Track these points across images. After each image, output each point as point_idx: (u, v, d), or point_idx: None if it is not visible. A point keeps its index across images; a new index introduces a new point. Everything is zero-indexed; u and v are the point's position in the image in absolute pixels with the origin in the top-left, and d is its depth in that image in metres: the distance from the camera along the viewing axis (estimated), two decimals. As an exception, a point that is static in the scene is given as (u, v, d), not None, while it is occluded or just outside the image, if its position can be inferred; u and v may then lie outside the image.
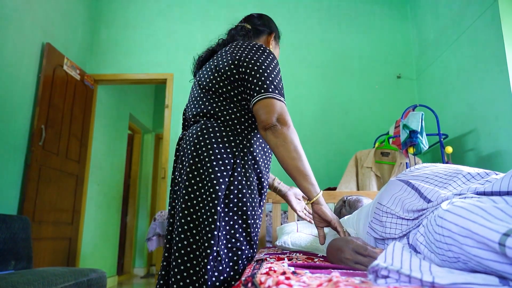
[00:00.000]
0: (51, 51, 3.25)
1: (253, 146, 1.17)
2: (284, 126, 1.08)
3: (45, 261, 3.08)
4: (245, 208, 1.10)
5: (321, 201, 1.11)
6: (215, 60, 1.24)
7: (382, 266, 0.49)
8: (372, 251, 0.86)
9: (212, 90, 1.19)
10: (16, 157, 2.90)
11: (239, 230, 1.09)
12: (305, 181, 1.09)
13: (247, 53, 1.17)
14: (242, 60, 1.16)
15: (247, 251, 1.11)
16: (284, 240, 1.47)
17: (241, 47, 1.21)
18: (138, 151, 5.82)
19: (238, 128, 1.16)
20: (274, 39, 1.41)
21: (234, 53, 1.19)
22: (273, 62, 1.17)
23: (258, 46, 1.20)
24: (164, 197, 3.66)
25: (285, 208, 3.02)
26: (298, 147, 1.08)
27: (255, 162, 1.17)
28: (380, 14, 4.14)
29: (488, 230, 0.47)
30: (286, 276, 0.59)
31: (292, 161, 1.08)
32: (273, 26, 1.42)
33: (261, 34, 1.39)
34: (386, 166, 2.98)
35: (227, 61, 1.18)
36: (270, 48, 1.37)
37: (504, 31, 2.53)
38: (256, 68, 1.13)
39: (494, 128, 2.62)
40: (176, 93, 3.90)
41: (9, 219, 2.41)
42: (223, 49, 1.27)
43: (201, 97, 1.22)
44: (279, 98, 1.10)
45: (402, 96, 3.91)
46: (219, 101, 1.18)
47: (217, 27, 4.08)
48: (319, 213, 1.10)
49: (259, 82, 1.11)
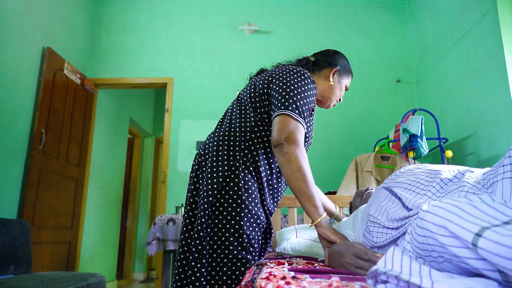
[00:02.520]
0: (51, 55, 3.26)
1: (258, 157, 1.21)
2: (291, 145, 1.09)
3: (44, 266, 3.07)
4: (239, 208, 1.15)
5: (323, 223, 1.09)
6: (258, 79, 1.31)
7: (381, 271, 0.49)
8: (373, 255, 0.86)
9: (246, 103, 1.27)
10: (16, 161, 2.90)
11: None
12: (307, 202, 1.09)
13: (281, 72, 1.23)
14: (274, 77, 1.23)
15: (240, 255, 1.13)
16: (283, 247, 1.46)
17: (279, 68, 1.28)
18: (138, 155, 5.82)
19: (247, 136, 1.22)
20: (338, 73, 1.38)
21: (270, 73, 1.27)
22: (305, 85, 1.19)
23: (293, 68, 1.25)
24: (164, 201, 3.66)
25: (285, 212, 3.02)
26: (303, 167, 1.08)
27: (257, 172, 1.21)
28: (380, 19, 4.16)
29: (462, 229, 0.48)
30: (286, 281, 0.59)
31: (295, 181, 1.08)
32: (338, 61, 1.39)
33: (322, 66, 1.38)
34: (386, 170, 2.97)
35: (264, 79, 1.26)
36: (331, 81, 1.36)
37: (504, 35, 2.54)
38: (283, 85, 1.18)
39: (494, 132, 2.62)
40: (176, 97, 3.90)
41: (9, 223, 2.40)
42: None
43: (236, 108, 1.31)
44: (296, 117, 1.12)
45: (402, 100, 3.91)
46: (246, 111, 1.27)
47: (217, 32, 4.14)
48: (323, 236, 1.08)
49: (282, 99, 1.15)
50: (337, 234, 1.08)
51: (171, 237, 2.67)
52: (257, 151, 1.21)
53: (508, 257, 0.41)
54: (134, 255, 5.56)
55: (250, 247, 1.15)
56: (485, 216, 0.49)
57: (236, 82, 3.83)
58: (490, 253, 0.43)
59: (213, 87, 3.91)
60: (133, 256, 5.54)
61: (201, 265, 1.11)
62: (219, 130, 1.29)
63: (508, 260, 0.41)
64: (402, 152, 2.78)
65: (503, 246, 0.42)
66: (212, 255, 1.12)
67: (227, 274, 1.11)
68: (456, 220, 0.49)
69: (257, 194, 1.20)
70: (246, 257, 1.13)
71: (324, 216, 1.09)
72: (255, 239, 1.18)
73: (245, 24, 4.05)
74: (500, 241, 0.42)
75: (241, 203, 1.15)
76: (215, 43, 4.07)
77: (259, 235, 1.20)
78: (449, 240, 0.50)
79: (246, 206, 1.16)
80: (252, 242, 1.16)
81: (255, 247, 1.18)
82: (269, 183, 1.25)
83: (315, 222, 1.09)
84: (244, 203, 1.15)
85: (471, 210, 0.51)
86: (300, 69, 1.24)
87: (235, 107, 1.32)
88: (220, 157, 1.20)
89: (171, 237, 2.67)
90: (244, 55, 4.02)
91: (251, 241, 1.16)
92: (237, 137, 1.23)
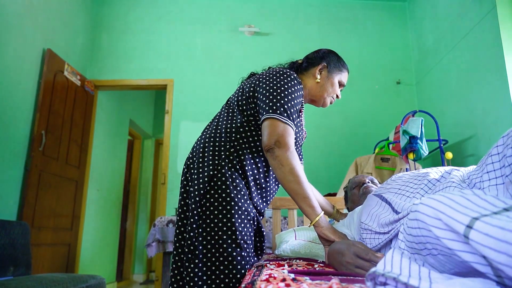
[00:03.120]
0: (51, 56, 3.27)
1: (244, 156, 1.22)
2: (282, 148, 1.10)
3: (44, 267, 3.07)
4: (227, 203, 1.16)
5: (321, 223, 1.09)
6: (246, 83, 1.33)
7: (379, 273, 0.49)
8: (374, 255, 0.86)
9: (234, 106, 1.29)
10: (16, 163, 2.90)
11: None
12: (303, 203, 1.10)
13: (266, 76, 1.24)
14: (261, 81, 1.24)
15: (235, 252, 1.12)
16: (283, 249, 1.46)
17: (266, 72, 1.29)
18: (138, 157, 5.82)
19: (233, 137, 1.23)
20: (325, 69, 1.36)
21: (257, 77, 1.28)
22: (290, 87, 1.19)
23: (278, 70, 1.25)
24: (164, 203, 3.65)
25: (285, 214, 3.02)
26: (295, 169, 1.10)
27: (243, 171, 1.21)
28: (380, 21, 4.16)
29: (454, 221, 0.48)
30: (286, 283, 0.59)
31: (289, 184, 1.11)
32: (324, 58, 1.37)
33: (308, 66, 1.38)
34: (386, 171, 2.97)
35: (251, 83, 1.27)
36: (318, 78, 1.35)
37: (503, 37, 2.54)
38: (269, 89, 1.19)
39: (494, 133, 2.62)
40: (176, 98, 3.91)
41: (9, 224, 2.40)
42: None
43: (225, 111, 1.33)
44: (284, 120, 1.13)
45: (402, 102, 3.92)
46: (233, 113, 1.28)
47: (217, 33, 4.14)
48: (322, 235, 1.09)
49: (270, 102, 1.16)
50: (336, 233, 1.08)
51: (171, 239, 2.66)
52: (243, 151, 1.22)
53: (496, 249, 0.41)
54: (134, 256, 5.56)
55: (244, 243, 1.15)
56: (476, 207, 0.49)
57: (236, 84, 3.80)
58: (481, 244, 0.43)
59: (213, 89, 3.92)
60: (133, 258, 5.54)
61: (194, 265, 1.11)
62: (206, 133, 1.31)
63: (496, 252, 0.41)
64: (402, 154, 2.78)
65: (493, 238, 0.42)
66: (206, 255, 1.12)
67: (224, 273, 1.10)
68: (449, 212, 0.50)
69: (246, 191, 1.20)
70: (241, 254, 1.13)
71: (322, 215, 1.10)
72: (247, 235, 1.17)
73: (245, 26, 4.05)
74: (490, 233, 0.43)
75: (230, 200, 1.15)
76: (215, 44, 4.07)
77: (251, 231, 1.20)
78: (442, 232, 0.50)
79: (236, 203, 1.15)
80: (245, 239, 1.16)
81: (249, 243, 1.17)
82: (256, 182, 1.25)
83: (313, 222, 1.10)
84: (234, 200, 1.15)
85: (463, 202, 0.51)
86: (286, 70, 1.24)
87: (224, 110, 1.33)
88: (206, 157, 1.22)
89: (171, 239, 2.66)
90: (244, 57, 4.02)
91: (244, 237, 1.15)
92: (222, 137, 1.24)
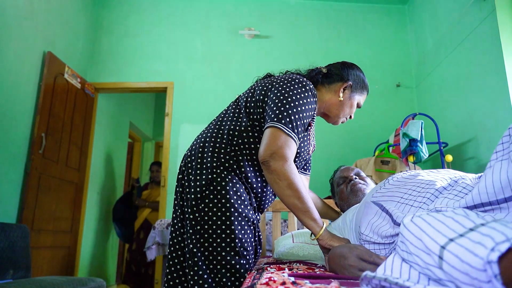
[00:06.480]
0: (52, 59, 3.27)
1: (244, 162, 1.16)
2: (279, 161, 1.04)
3: (43, 270, 3.06)
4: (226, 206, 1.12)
5: (325, 236, 1.05)
6: (259, 84, 1.26)
7: (370, 276, 0.49)
8: (377, 257, 0.85)
9: (241, 106, 1.22)
10: (16, 165, 2.90)
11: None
12: (305, 217, 1.06)
13: (280, 81, 1.17)
14: (273, 85, 1.17)
15: (234, 260, 1.08)
16: (281, 252, 1.46)
17: (281, 76, 1.22)
18: (138, 159, 5.81)
19: (234, 141, 1.17)
20: (349, 88, 1.28)
21: (271, 80, 1.21)
22: (304, 98, 1.12)
23: (295, 77, 1.18)
24: (164, 206, 3.65)
25: (285, 216, 3.01)
26: (293, 183, 1.04)
27: (244, 176, 1.16)
28: (379, 23, 4.17)
29: (433, 242, 0.48)
30: (286, 286, 0.58)
31: (287, 199, 1.05)
32: (351, 75, 1.29)
33: (333, 80, 1.28)
34: (386, 174, 2.97)
35: (264, 85, 1.21)
36: (341, 96, 1.27)
37: (503, 40, 2.54)
38: (280, 95, 1.12)
39: (494, 136, 2.62)
40: (176, 101, 3.91)
41: (8, 227, 2.40)
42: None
43: (231, 111, 1.25)
44: (287, 132, 1.06)
45: (402, 105, 3.92)
46: (239, 114, 1.21)
47: (217, 36, 4.15)
48: (327, 247, 1.05)
49: (277, 110, 1.09)
50: (340, 240, 1.05)
51: (171, 241, 2.66)
52: (243, 156, 1.16)
53: (461, 270, 0.42)
54: (133, 259, 5.53)
55: (244, 251, 1.10)
56: (448, 230, 0.49)
57: (236, 87, 3.84)
58: (453, 268, 0.44)
59: (213, 92, 3.92)
60: (133, 261, 5.51)
61: (193, 273, 1.08)
62: (207, 132, 1.24)
63: (461, 273, 0.42)
64: (402, 157, 2.78)
65: (459, 259, 0.43)
66: (204, 262, 1.07)
67: (223, 281, 1.07)
68: (430, 232, 0.50)
69: (246, 196, 1.15)
70: (240, 262, 1.08)
71: (325, 227, 1.06)
72: (248, 242, 1.12)
73: (245, 28, 4.06)
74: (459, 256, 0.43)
75: (230, 206, 1.09)
76: (215, 47, 4.08)
77: (251, 237, 1.15)
78: (422, 253, 0.50)
79: (236, 209, 1.10)
80: (246, 246, 1.11)
81: (249, 250, 1.13)
82: (253, 191, 1.19)
83: (318, 236, 1.05)
84: (233, 206, 1.10)
85: (449, 222, 0.50)
86: (302, 79, 1.17)
87: (230, 109, 1.26)
88: (205, 159, 1.16)
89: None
90: (244, 59, 4.03)
91: (244, 244, 1.11)
92: (224, 139, 1.17)
